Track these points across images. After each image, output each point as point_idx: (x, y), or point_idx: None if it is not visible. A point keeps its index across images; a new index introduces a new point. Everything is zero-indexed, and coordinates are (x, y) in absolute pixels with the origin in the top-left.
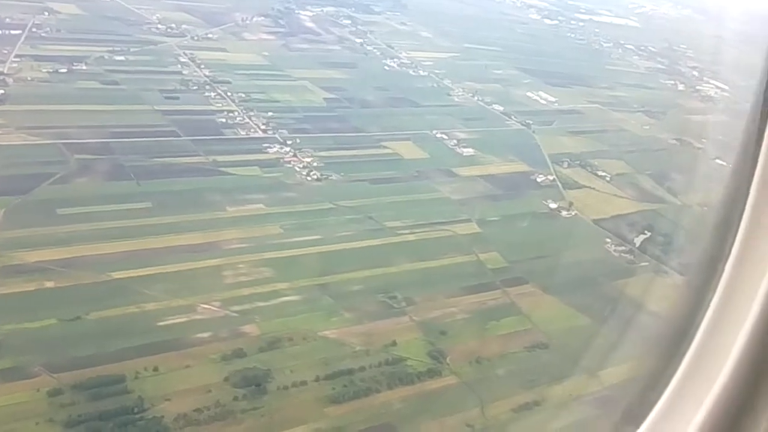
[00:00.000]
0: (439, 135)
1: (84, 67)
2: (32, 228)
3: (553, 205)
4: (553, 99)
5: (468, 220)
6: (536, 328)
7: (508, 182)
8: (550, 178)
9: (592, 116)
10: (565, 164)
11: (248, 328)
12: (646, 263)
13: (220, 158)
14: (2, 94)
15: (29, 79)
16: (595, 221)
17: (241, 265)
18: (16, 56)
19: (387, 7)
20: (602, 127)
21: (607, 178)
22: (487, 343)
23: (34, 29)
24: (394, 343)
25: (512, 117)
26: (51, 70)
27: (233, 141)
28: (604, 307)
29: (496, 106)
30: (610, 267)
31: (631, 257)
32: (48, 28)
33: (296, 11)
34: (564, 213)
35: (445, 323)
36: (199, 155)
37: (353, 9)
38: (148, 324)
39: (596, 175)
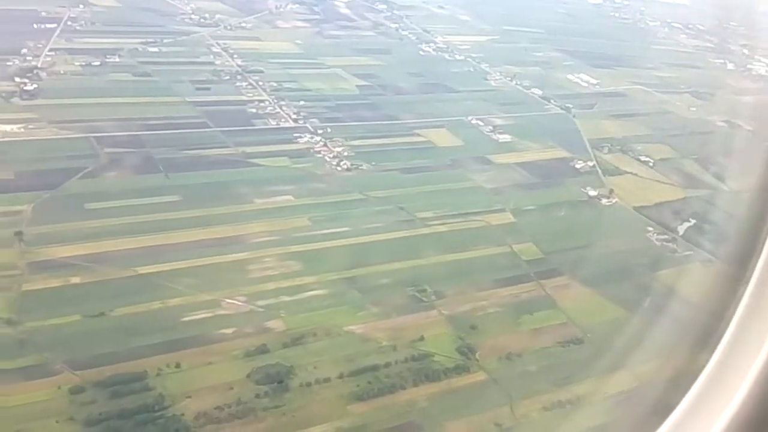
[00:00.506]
0: (474, 121)
1: (117, 60)
2: (60, 223)
3: (592, 193)
4: (594, 81)
5: (502, 210)
6: (571, 322)
7: (546, 169)
8: (590, 164)
9: (635, 98)
10: (606, 149)
11: (273, 324)
12: (690, 252)
13: (249, 149)
14: (36, 88)
15: (62, 72)
16: (637, 209)
17: (267, 259)
18: (51, 50)
19: None
20: (646, 109)
21: (651, 164)
22: (519, 338)
23: (69, 22)
24: (421, 338)
25: (551, 101)
26: (84, 63)
27: (263, 131)
28: (643, 299)
29: (534, 90)
30: (651, 257)
31: (674, 246)
32: (83, 21)
33: None
34: (604, 200)
35: (476, 317)
36: (229, 147)
37: None
38: (172, 320)
39: (639, 160)
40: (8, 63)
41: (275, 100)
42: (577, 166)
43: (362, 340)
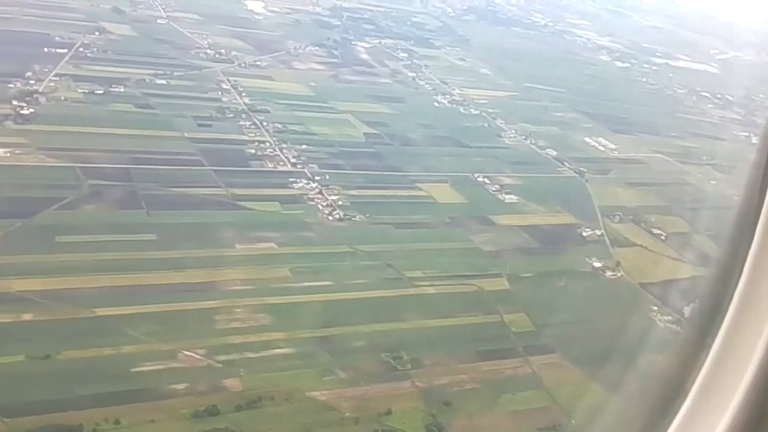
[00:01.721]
0: (481, 179)
1: (122, 90)
2: (26, 255)
3: (597, 264)
4: (613, 146)
5: (498, 275)
6: (556, 406)
7: (550, 235)
8: (598, 233)
9: (654, 167)
10: (617, 218)
11: (229, 382)
12: (695, 337)
13: (240, 191)
14: (31, 113)
15: (63, 99)
16: (643, 285)
17: (238, 310)
18: (56, 75)
19: (448, 42)
20: (664, 179)
21: (663, 237)
22: (495, 420)
23: (81, 49)
24: (389, 412)
25: (565, 163)
26: (87, 91)
27: (258, 174)
28: (639, 387)
29: (549, 151)
30: (653, 339)
31: (679, 329)
32: (95, 48)
33: (353, 42)
34: (608, 273)
35: (452, 392)
36: (219, 187)
37: (412, 42)
38: (121, 369)
39: (650, 232)
40: (9, 85)
41: (276, 142)
42: (585, 234)
43: (324, 409)
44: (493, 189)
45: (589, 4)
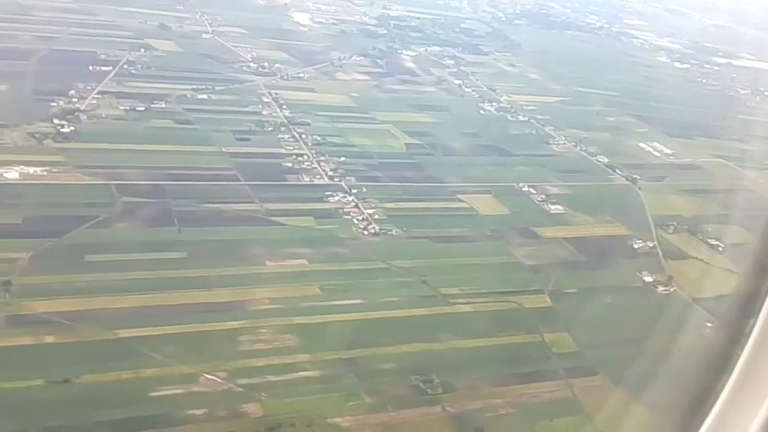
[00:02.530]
0: (526, 188)
1: (163, 106)
2: (54, 275)
3: (648, 279)
4: (669, 151)
5: (539, 291)
6: None
7: (598, 247)
8: (650, 244)
9: (713, 173)
10: (671, 229)
11: (249, 407)
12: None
13: (274, 206)
14: (72, 131)
15: (104, 116)
16: (697, 300)
17: (263, 330)
18: (99, 93)
19: (497, 47)
20: (724, 185)
21: (720, 248)
22: None
23: (125, 66)
24: None
25: (617, 170)
26: (128, 108)
27: (294, 188)
28: (688, 410)
29: (600, 158)
30: (706, 359)
31: (735, 348)
32: (140, 65)
33: (399, 51)
34: (660, 288)
35: (485, 418)
36: (253, 202)
37: (460, 49)
38: (139, 393)
39: (707, 243)
40: (52, 104)
41: (314, 155)
42: (636, 245)
43: None
44: (539, 199)
45: (648, 4)
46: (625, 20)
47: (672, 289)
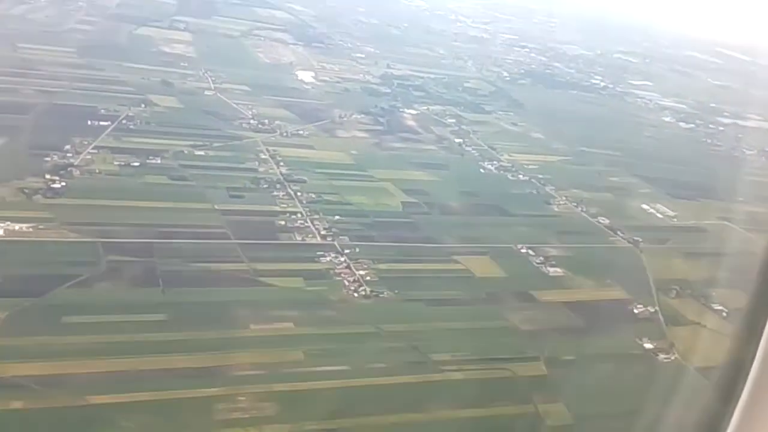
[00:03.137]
0: (524, 250)
1: (158, 161)
2: (27, 337)
3: (648, 345)
4: (672, 213)
5: (535, 359)
6: None
7: (598, 312)
8: (652, 309)
9: (718, 235)
10: (674, 293)
11: None
12: None
13: (263, 266)
14: (63, 186)
15: (97, 171)
16: (700, 370)
17: (242, 397)
18: (95, 148)
19: (500, 107)
20: (728, 249)
21: (724, 314)
22: None
23: (124, 121)
24: None
25: (618, 232)
26: (123, 163)
27: (285, 247)
28: None
29: (601, 219)
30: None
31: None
32: (139, 121)
33: (400, 109)
34: (661, 356)
35: None
36: (242, 262)
37: (462, 108)
38: None
39: (711, 308)
40: (46, 159)
41: (308, 213)
42: (636, 310)
43: None
44: (537, 261)
45: (653, 65)
46: (630, 80)
47: (673, 357)
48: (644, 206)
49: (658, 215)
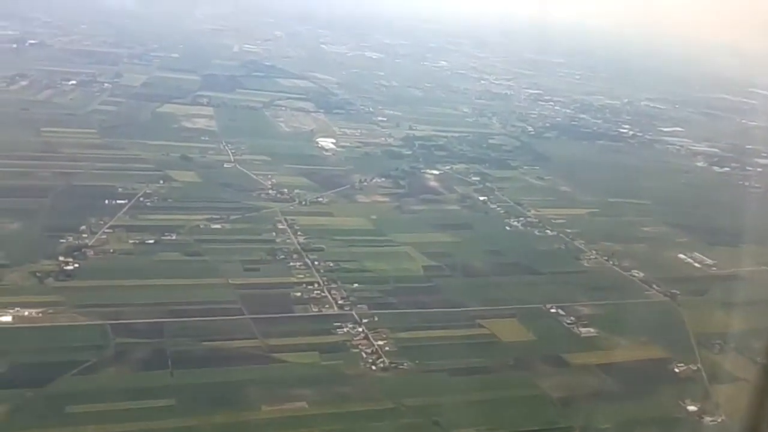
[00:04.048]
0: (554, 310)
1: (174, 238)
2: (30, 429)
3: (692, 408)
4: (710, 262)
5: (569, 429)
6: None
7: (635, 373)
8: (694, 367)
9: (760, 283)
10: (716, 348)
11: None
12: None
13: (277, 342)
14: (76, 268)
15: (111, 251)
16: None
17: None
18: (110, 227)
19: (525, 161)
20: None
21: None
22: None
23: (142, 198)
24: None
25: (654, 286)
26: (137, 242)
27: (301, 320)
28: None
29: (635, 272)
30: None
31: None
32: (156, 197)
33: (422, 170)
34: (707, 419)
35: None
36: (255, 338)
37: (486, 165)
38: None
39: (757, 362)
40: (61, 240)
41: (326, 283)
42: (677, 369)
43: None
44: (568, 322)
45: (682, 110)
46: (660, 127)
47: (720, 419)
48: (681, 256)
49: (696, 264)
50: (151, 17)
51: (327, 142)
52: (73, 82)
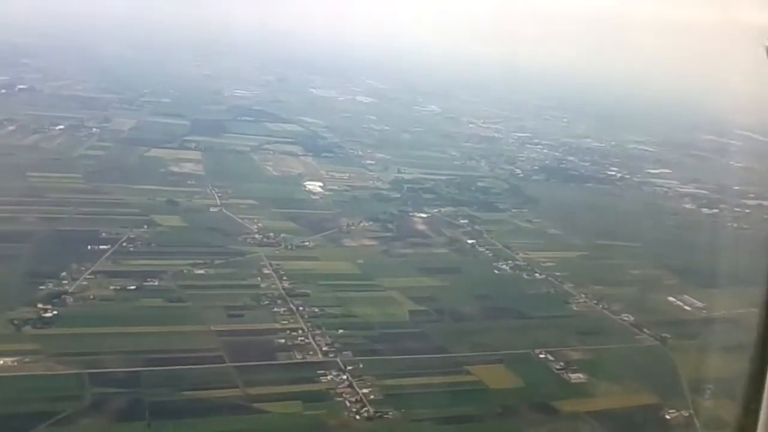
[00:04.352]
0: (543, 355)
1: (156, 283)
2: None
3: None
4: (701, 304)
5: None
6: None
7: (626, 420)
8: (685, 413)
9: (751, 325)
10: (708, 394)
11: None
12: None
13: (258, 390)
14: (54, 315)
15: (91, 297)
16: None
17: None
18: (92, 273)
19: (514, 204)
20: None
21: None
22: None
23: (125, 243)
24: None
25: (644, 330)
26: (119, 288)
27: (284, 368)
28: None
29: (625, 316)
30: None
31: None
32: (140, 242)
33: (410, 213)
34: None
35: None
36: (236, 387)
37: (475, 208)
38: None
39: (749, 408)
40: (41, 287)
41: (310, 329)
42: (668, 416)
43: None
44: (557, 367)
45: (671, 152)
46: (647, 169)
47: None
48: (670, 298)
49: (686, 307)
50: (143, 62)
51: (315, 186)
52: (61, 126)
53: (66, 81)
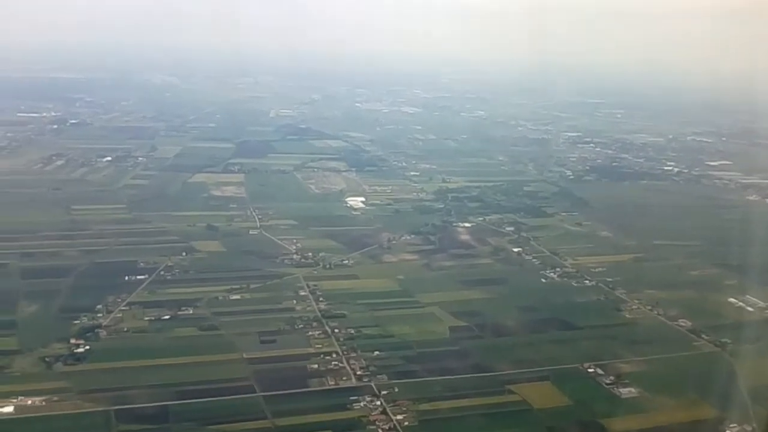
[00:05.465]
0: (591, 369)
1: (190, 312)
2: None
3: None
4: (764, 304)
5: None
6: None
7: None
8: (748, 428)
9: None
10: None
11: None
12: None
13: (287, 421)
14: (86, 350)
15: (125, 330)
16: None
17: None
18: (127, 304)
19: (563, 207)
20: None
21: None
22: None
23: (162, 272)
24: None
25: (703, 335)
26: (153, 318)
27: (315, 395)
28: None
29: (682, 322)
30: None
31: None
32: (177, 270)
33: (454, 224)
34: None
35: None
36: (265, 418)
37: (521, 214)
38: None
39: None
40: (75, 322)
41: (345, 352)
42: (728, 431)
43: None
44: (607, 381)
45: (730, 143)
46: (707, 162)
47: None
48: (731, 300)
49: (748, 308)
50: (191, 90)
51: (356, 201)
52: (108, 158)
53: (116, 113)
